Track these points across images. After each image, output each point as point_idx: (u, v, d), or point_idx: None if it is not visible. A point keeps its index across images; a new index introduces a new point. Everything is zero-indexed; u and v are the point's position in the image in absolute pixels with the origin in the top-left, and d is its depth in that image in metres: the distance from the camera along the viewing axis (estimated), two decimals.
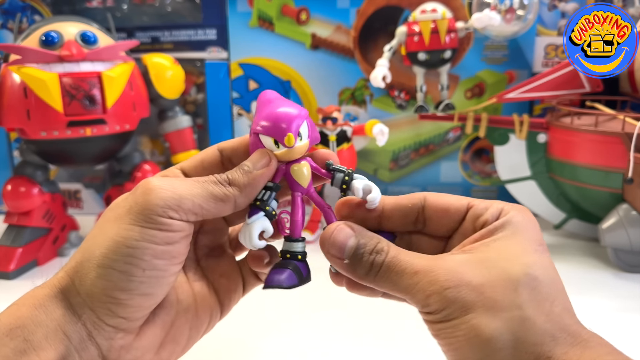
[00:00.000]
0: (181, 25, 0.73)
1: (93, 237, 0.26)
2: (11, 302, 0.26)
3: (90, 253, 0.25)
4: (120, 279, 0.25)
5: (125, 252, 0.25)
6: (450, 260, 0.26)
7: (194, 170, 0.30)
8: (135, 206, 0.25)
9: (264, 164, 0.28)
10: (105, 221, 0.26)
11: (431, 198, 0.30)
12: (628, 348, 0.42)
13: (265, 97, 0.30)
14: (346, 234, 0.28)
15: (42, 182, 0.61)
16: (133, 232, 0.25)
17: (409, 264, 0.26)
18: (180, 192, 0.26)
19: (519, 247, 0.26)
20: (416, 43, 0.61)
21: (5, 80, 0.56)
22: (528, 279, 0.25)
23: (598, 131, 0.56)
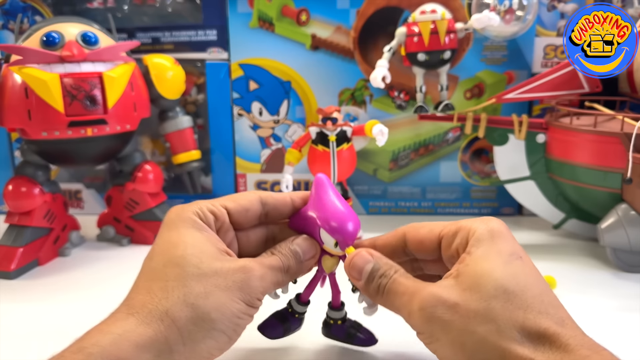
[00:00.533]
0: (182, 26, 0.73)
1: (203, 297, 0.29)
2: (12, 302, 0.26)
3: (205, 314, 0.29)
4: (225, 341, 0.30)
5: (236, 322, 0.30)
6: (434, 284, 0.29)
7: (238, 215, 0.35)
8: (246, 287, 0.30)
9: (313, 257, 0.35)
10: (215, 286, 0.30)
11: (409, 234, 0.35)
12: (627, 347, 0.42)
13: (324, 185, 0.35)
14: (365, 260, 0.33)
15: (43, 182, 0.62)
16: (242, 307, 0.30)
17: (402, 287, 0.30)
18: (268, 282, 0.32)
19: (488, 264, 0.29)
20: (416, 44, 0.62)
21: (6, 81, 0.56)
22: (498, 293, 0.27)
23: (597, 131, 0.56)
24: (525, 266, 0.29)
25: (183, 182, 0.73)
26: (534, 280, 0.29)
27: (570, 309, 0.47)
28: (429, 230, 0.33)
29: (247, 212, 0.35)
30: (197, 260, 0.30)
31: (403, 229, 0.35)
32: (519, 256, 0.30)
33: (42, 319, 0.48)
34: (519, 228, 0.71)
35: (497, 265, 0.29)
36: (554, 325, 0.27)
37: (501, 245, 0.30)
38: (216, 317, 0.29)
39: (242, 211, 0.35)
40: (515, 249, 0.30)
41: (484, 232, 0.30)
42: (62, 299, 0.53)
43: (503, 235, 0.30)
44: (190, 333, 0.28)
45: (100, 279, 0.57)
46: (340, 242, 0.33)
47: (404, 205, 0.77)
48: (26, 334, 0.46)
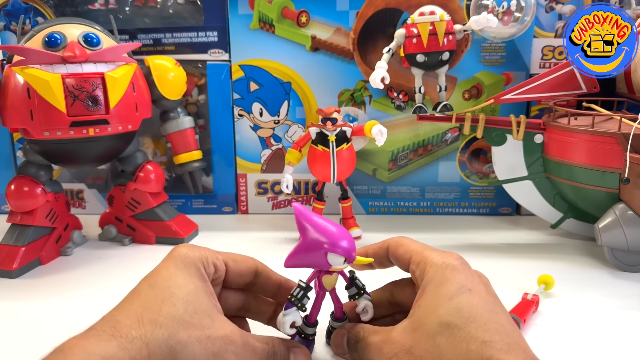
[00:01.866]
0: (183, 28, 0.73)
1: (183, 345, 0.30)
2: (14, 301, 0.27)
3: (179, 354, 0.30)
4: None
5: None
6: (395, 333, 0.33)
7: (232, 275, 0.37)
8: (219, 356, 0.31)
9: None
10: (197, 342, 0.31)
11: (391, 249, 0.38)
12: (625, 346, 0.43)
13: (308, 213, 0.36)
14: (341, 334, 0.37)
15: (45, 181, 0.62)
16: None
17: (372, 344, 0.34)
18: None
19: (435, 301, 0.31)
20: (415, 45, 0.62)
21: (9, 81, 0.57)
22: (442, 329, 0.30)
23: (594, 132, 0.56)
24: (472, 298, 0.31)
25: (184, 182, 0.74)
26: (480, 310, 0.30)
27: (568, 308, 0.48)
28: (404, 252, 0.36)
29: (240, 277, 0.38)
30: (192, 310, 0.32)
31: (388, 242, 0.38)
32: (468, 289, 0.31)
33: (44, 318, 0.49)
34: (517, 228, 0.71)
35: (442, 301, 0.31)
36: (497, 352, 0.28)
37: (451, 280, 0.32)
38: None
39: (237, 276, 0.38)
40: (464, 282, 0.32)
41: (437, 268, 0.33)
42: (64, 298, 0.53)
43: (455, 269, 0.33)
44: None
45: (102, 279, 0.58)
46: (350, 257, 0.36)
47: (403, 205, 0.77)
48: (28, 333, 0.46)
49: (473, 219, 0.75)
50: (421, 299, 0.32)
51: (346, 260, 0.36)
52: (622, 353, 0.42)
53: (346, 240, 0.36)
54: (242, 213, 0.79)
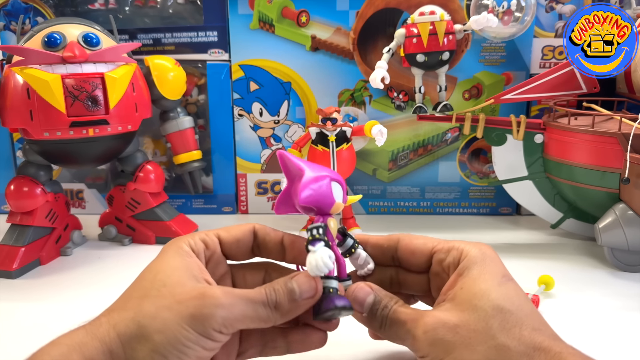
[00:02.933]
0: (183, 28, 0.73)
1: (151, 317, 0.28)
2: (14, 301, 0.27)
3: (149, 334, 0.28)
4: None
5: (180, 349, 0.28)
6: (433, 310, 0.31)
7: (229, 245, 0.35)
8: (198, 315, 0.28)
9: (311, 294, 0.31)
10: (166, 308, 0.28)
11: (403, 241, 0.36)
12: (626, 346, 0.43)
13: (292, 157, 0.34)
14: (365, 292, 0.33)
15: (45, 182, 0.62)
16: (191, 335, 0.28)
17: (404, 315, 0.32)
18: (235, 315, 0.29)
19: (484, 285, 0.31)
20: (415, 45, 0.62)
21: (9, 82, 0.57)
22: (495, 312, 0.29)
23: (595, 132, 0.56)
24: (516, 288, 0.31)
25: (184, 182, 0.74)
26: (525, 301, 0.31)
27: (568, 308, 0.48)
28: (422, 243, 0.35)
29: (238, 242, 0.35)
30: (160, 284, 0.30)
31: (398, 235, 0.37)
32: (510, 278, 0.32)
33: (44, 318, 0.49)
34: (517, 228, 0.71)
35: (492, 285, 0.30)
36: (547, 339, 0.29)
37: (493, 268, 0.32)
38: (159, 340, 0.28)
39: (234, 241, 0.35)
40: (505, 272, 0.32)
41: (476, 254, 0.32)
42: (64, 298, 0.53)
43: (494, 259, 0.32)
44: (132, 350, 0.28)
45: (102, 279, 0.58)
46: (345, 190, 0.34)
47: (403, 205, 0.77)
48: (28, 333, 0.46)
49: (473, 219, 0.75)
50: (463, 282, 0.31)
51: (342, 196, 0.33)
52: (623, 353, 0.42)
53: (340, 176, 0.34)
54: (242, 213, 0.79)
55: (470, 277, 0.31)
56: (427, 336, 0.30)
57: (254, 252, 0.36)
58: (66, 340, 0.28)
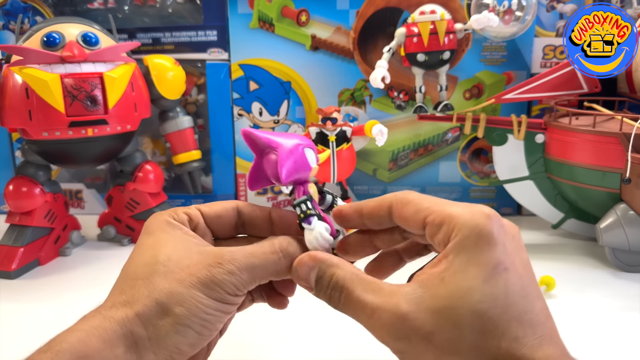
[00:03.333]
0: (182, 27, 0.73)
1: (167, 292, 0.28)
2: (13, 301, 0.26)
3: (169, 309, 0.28)
4: (194, 336, 0.28)
5: (203, 317, 0.28)
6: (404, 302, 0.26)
7: (210, 220, 0.34)
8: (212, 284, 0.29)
9: None
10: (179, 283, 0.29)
11: (395, 207, 0.31)
12: (626, 347, 0.43)
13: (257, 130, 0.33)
14: (308, 266, 0.30)
15: (44, 182, 0.62)
16: (209, 303, 0.28)
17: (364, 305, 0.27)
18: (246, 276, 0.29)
19: (468, 281, 0.26)
20: (415, 44, 0.62)
21: (7, 81, 0.56)
22: (473, 319, 0.25)
23: (596, 131, 0.56)
24: (508, 280, 0.26)
25: (183, 182, 0.74)
26: (517, 297, 0.26)
27: (569, 309, 0.48)
28: (415, 211, 0.30)
29: (219, 218, 0.34)
30: (165, 258, 0.30)
31: (389, 199, 0.32)
32: (504, 267, 0.26)
33: (43, 319, 0.48)
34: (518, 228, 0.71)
35: (476, 284, 0.25)
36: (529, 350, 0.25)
37: (485, 255, 0.26)
38: (180, 312, 0.28)
39: (215, 217, 0.34)
40: (501, 258, 0.26)
41: (469, 234, 0.26)
42: (63, 298, 0.53)
43: (490, 240, 0.26)
44: (155, 328, 0.28)
45: (101, 279, 0.57)
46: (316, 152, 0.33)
47: None
48: (27, 334, 0.46)
49: None
50: (446, 272, 0.26)
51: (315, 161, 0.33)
52: (624, 354, 0.42)
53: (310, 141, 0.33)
54: None
55: (454, 266, 0.26)
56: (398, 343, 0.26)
57: (238, 229, 0.35)
58: (83, 326, 0.27)
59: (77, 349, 0.26)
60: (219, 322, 0.29)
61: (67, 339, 0.27)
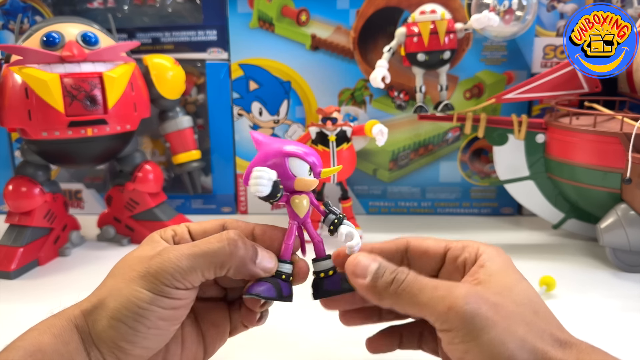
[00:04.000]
0: (182, 26, 0.73)
1: (109, 288, 0.30)
2: (12, 302, 0.27)
3: (105, 303, 0.29)
4: (128, 332, 0.28)
5: (135, 311, 0.28)
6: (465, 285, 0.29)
7: (196, 236, 0.34)
8: (148, 275, 0.29)
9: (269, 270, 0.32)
10: (121, 278, 0.30)
11: (413, 243, 0.34)
12: (627, 347, 0.42)
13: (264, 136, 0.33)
14: (370, 258, 0.31)
15: (43, 182, 0.62)
16: (144, 296, 0.28)
17: (430, 282, 0.29)
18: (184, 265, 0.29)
19: (510, 279, 0.30)
20: (415, 44, 0.62)
21: (7, 81, 0.56)
22: (527, 302, 0.29)
23: (596, 131, 0.56)
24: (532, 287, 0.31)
25: (183, 182, 0.73)
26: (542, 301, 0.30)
27: (570, 309, 0.48)
28: (435, 241, 0.34)
29: (204, 233, 0.34)
30: (123, 263, 0.31)
31: (405, 238, 0.35)
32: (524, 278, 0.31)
33: (43, 319, 0.48)
34: (519, 228, 0.71)
35: (517, 279, 0.30)
36: (571, 338, 0.28)
37: (512, 268, 0.31)
38: (113, 306, 0.28)
39: (200, 232, 0.34)
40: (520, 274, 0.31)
41: (493, 252, 0.32)
42: (62, 299, 0.52)
43: (510, 261, 0.32)
44: (94, 322, 0.29)
45: (101, 279, 0.57)
46: (314, 165, 0.32)
47: (403, 205, 0.77)
48: None
49: (474, 219, 0.75)
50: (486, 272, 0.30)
51: (311, 170, 0.32)
52: (624, 354, 0.41)
53: (308, 148, 0.32)
54: (242, 213, 0.79)
55: (492, 268, 0.30)
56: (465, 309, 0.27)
57: None
58: (39, 325, 0.29)
59: (31, 344, 0.28)
60: (160, 319, 0.29)
61: (23, 337, 0.29)
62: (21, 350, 0.27)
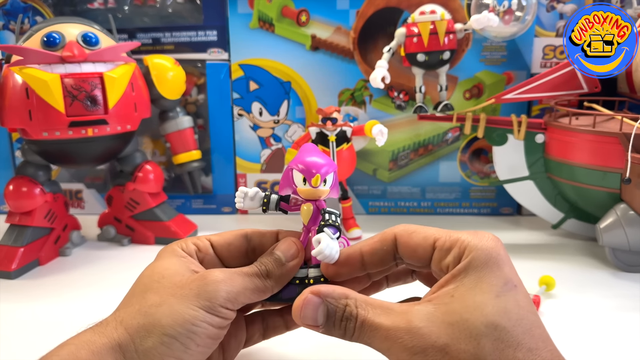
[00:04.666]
0: (182, 27, 0.73)
1: (157, 305, 0.30)
2: (13, 302, 0.27)
3: (156, 320, 0.29)
4: (179, 349, 0.29)
5: (189, 329, 0.29)
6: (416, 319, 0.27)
7: (221, 248, 0.35)
8: (204, 293, 0.30)
9: (294, 255, 0.34)
10: (170, 295, 0.30)
11: (401, 239, 0.32)
12: (626, 347, 0.43)
13: (308, 146, 0.36)
14: (314, 304, 0.29)
15: (44, 182, 0.62)
16: (198, 314, 0.29)
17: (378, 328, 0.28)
18: (237, 288, 0.31)
19: (480, 296, 0.27)
20: (415, 44, 0.62)
21: (7, 81, 0.56)
22: (489, 330, 0.26)
23: (596, 131, 0.56)
24: (518, 296, 0.28)
25: (183, 182, 0.74)
26: (526, 312, 0.27)
27: (569, 309, 0.48)
28: (423, 238, 0.31)
29: (229, 245, 0.36)
30: (159, 277, 0.31)
31: (393, 232, 0.32)
32: (514, 285, 0.28)
33: (43, 319, 0.48)
34: (518, 228, 0.71)
35: (488, 298, 0.27)
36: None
37: (494, 274, 0.28)
38: (166, 323, 0.29)
39: (225, 244, 0.36)
40: (510, 276, 0.28)
41: (479, 256, 0.28)
42: (63, 298, 0.53)
43: (498, 261, 0.28)
44: (142, 339, 0.29)
45: (101, 279, 0.57)
46: (305, 172, 0.33)
47: (403, 205, 0.77)
48: (27, 334, 0.46)
49: (474, 219, 0.75)
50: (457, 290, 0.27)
51: (305, 180, 0.33)
52: (624, 354, 0.41)
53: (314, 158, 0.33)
54: (242, 213, 0.79)
55: (465, 284, 0.27)
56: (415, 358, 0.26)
57: (249, 256, 0.36)
58: (74, 340, 0.29)
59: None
60: (208, 337, 0.30)
61: (58, 352, 0.28)
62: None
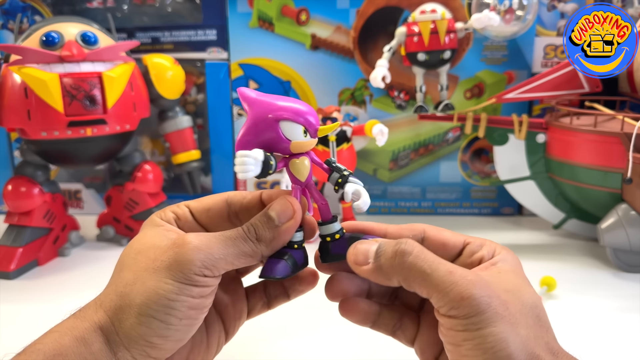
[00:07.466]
0: (181, 26, 0.73)
1: (131, 283, 0.28)
2: (12, 302, 0.26)
3: (130, 300, 0.28)
4: (160, 327, 0.27)
5: (166, 304, 0.27)
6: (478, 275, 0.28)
7: (200, 215, 0.33)
8: (175, 264, 0.28)
9: (289, 216, 0.30)
10: (143, 270, 0.28)
11: (430, 232, 0.33)
12: (628, 347, 0.42)
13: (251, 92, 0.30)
14: (369, 242, 0.29)
15: (43, 182, 0.62)
16: (173, 287, 0.27)
17: (443, 264, 0.27)
18: (216, 254, 0.28)
19: (520, 281, 0.30)
20: (416, 43, 0.62)
21: (6, 81, 0.56)
22: (534, 308, 0.28)
23: (597, 131, 0.56)
24: None
25: (183, 182, 0.73)
26: None
27: (570, 309, 0.48)
28: (452, 235, 0.33)
29: (208, 211, 0.33)
30: (135, 253, 0.30)
31: (422, 225, 0.33)
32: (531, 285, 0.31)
33: (42, 319, 0.48)
34: (519, 228, 0.71)
35: (525, 283, 0.30)
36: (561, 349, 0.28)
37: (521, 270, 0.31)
38: (141, 302, 0.27)
39: (203, 210, 0.33)
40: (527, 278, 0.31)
41: (508, 255, 0.31)
42: (62, 299, 0.52)
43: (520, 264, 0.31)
44: (120, 322, 0.28)
45: (100, 280, 0.57)
46: (309, 124, 0.29)
47: (404, 205, 0.77)
48: (26, 335, 0.45)
49: (475, 219, 0.75)
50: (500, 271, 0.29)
51: (307, 131, 0.29)
52: (625, 354, 0.41)
53: (300, 105, 0.29)
54: None
55: (506, 270, 0.30)
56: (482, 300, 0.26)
57: (232, 220, 0.33)
58: (58, 328, 0.28)
59: (51, 348, 0.27)
60: (190, 308, 0.28)
61: (42, 340, 0.28)
62: (41, 354, 0.27)
